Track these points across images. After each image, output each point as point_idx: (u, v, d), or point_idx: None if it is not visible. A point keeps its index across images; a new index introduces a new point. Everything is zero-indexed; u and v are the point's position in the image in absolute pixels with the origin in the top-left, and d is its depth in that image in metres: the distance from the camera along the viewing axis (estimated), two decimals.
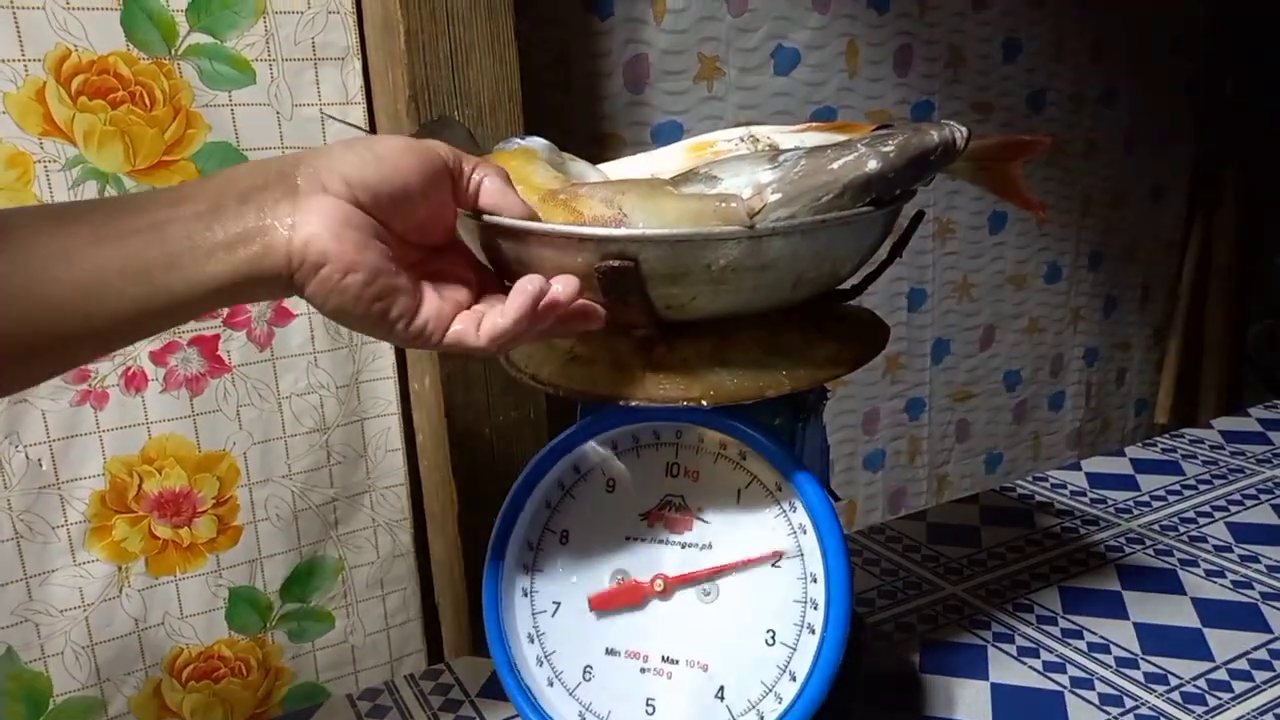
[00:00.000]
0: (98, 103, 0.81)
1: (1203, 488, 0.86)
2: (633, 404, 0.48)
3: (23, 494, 0.84)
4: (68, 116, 0.80)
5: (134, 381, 0.87)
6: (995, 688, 0.61)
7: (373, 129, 0.93)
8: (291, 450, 0.97)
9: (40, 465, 0.85)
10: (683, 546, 0.54)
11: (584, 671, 0.54)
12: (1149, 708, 0.58)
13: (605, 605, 0.54)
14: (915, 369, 1.43)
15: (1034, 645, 0.66)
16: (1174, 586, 0.71)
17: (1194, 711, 0.57)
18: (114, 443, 0.87)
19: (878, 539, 0.83)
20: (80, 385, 0.85)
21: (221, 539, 0.95)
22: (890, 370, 1.40)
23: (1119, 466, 0.93)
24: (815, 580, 0.51)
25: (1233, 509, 0.82)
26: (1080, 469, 0.93)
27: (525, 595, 0.56)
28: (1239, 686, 0.59)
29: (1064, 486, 0.90)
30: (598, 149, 1.10)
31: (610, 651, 0.54)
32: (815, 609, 0.51)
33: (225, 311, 0.90)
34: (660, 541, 0.54)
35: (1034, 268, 1.52)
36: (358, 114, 0.92)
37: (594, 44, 1.06)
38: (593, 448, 0.55)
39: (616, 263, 0.42)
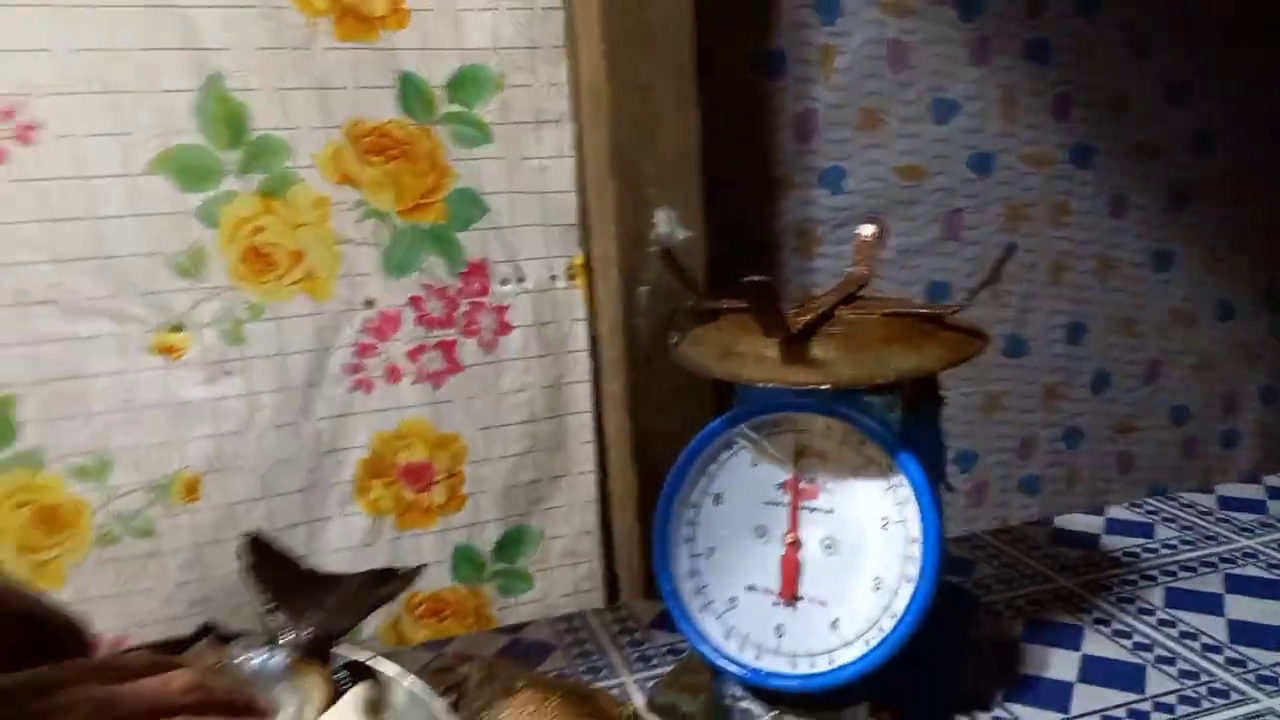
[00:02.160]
0: (377, 158, 1.05)
1: None
2: (770, 385, 0.63)
3: (310, 456, 1.09)
4: (356, 169, 1.05)
5: (393, 375, 1.11)
6: (1085, 657, 0.71)
7: (581, 179, 1.13)
8: (507, 436, 1.18)
9: (323, 435, 1.10)
10: (810, 510, 0.69)
11: (729, 601, 0.70)
12: (1222, 683, 0.66)
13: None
14: (1074, 399, 1.49)
15: (1128, 629, 0.75)
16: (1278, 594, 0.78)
17: (1265, 689, 0.65)
18: (376, 421, 1.11)
19: (1003, 538, 0.93)
20: (355, 375, 1.10)
21: (450, 504, 1.17)
22: (1047, 400, 1.47)
23: (1252, 492, 0.98)
24: (914, 541, 0.65)
25: None
26: (1213, 492, 0.99)
27: (686, 542, 0.73)
28: None
29: (1192, 506, 0.96)
30: (774, 189, 1.26)
31: (750, 588, 0.70)
32: (913, 564, 0.65)
33: (462, 320, 1.13)
34: (793, 505, 0.69)
35: (1205, 305, 1.54)
36: (569, 165, 1.12)
37: (767, 101, 1.23)
38: (742, 430, 0.71)
39: (757, 279, 0.59)
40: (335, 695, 0.55)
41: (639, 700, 0.70)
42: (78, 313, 0.96)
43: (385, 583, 0.65)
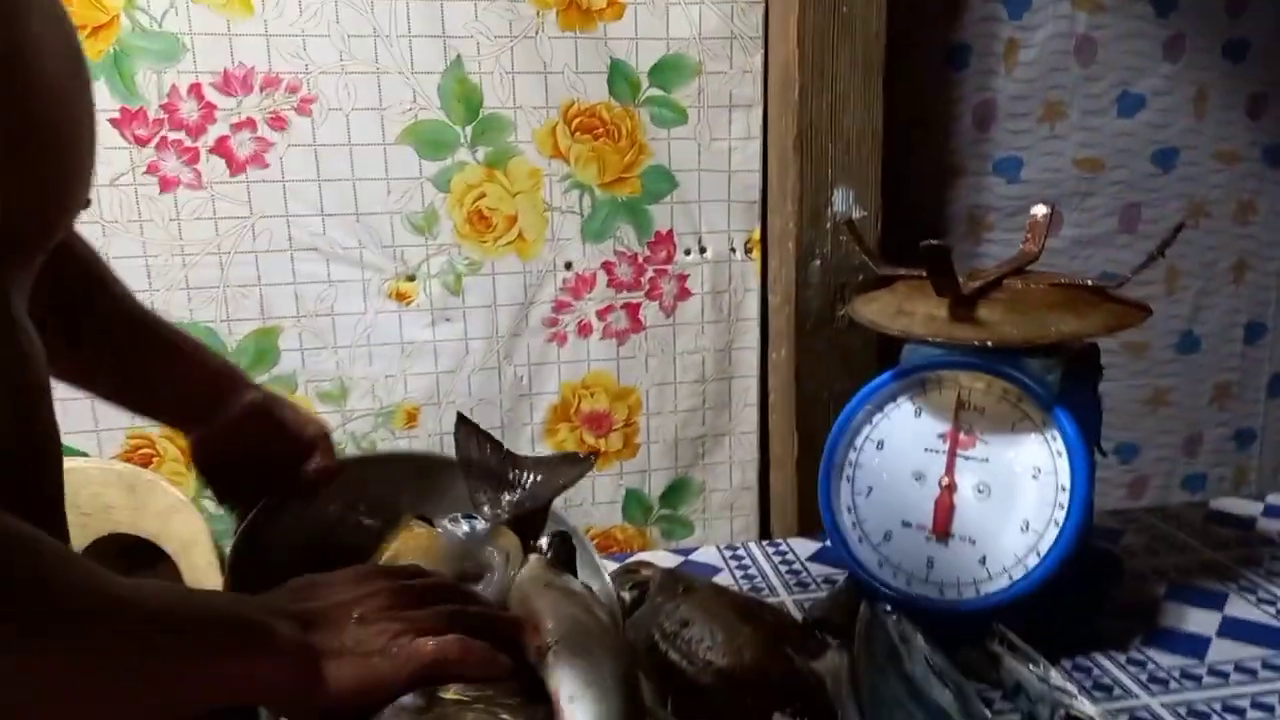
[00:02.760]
0: (585, 136, 1.18)
1: None
2: (938, 340, 0.71)
3: (509, 398, 1.24)
4: (567, 145, 1.18)
5: (584, 330, 1.25)
6: (1225, 618, 0.76)
7: (765, 161, 1.23)
8: (679, 393, 1.29)
9: (521, 380, 1.24)
10: (966, 458, 0.76)
11: (885, 535, 0.78)
12: None
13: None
14: (1247, 400, 1.46)
15: (1274, 598, 0.78)
16: None
17: None
18: (566, 371, 1.25)
19: (1157, 514, 0.96)
20: (552, 329, 1.24)
21: (625, 451, 1.29)
22: (1217, 399, 1.45)
23: None
24: (1064, 490, 0.71)
25: None
26: None
27: (848, 481, 0.81)
28: None
29: None
30: (950, 175, 1.31)
31: (905, 524, 0.78)
32: (1061, 510, 0.71)
33: (647, 285, 1.25)
34: (950, 453, 0.77)
35: None
36: (755, 146, 1.22)
37: (949, 90, 1.28)
38: (903, 383, 0.79)
39: (935, 242, 0.67)
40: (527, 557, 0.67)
41: (798, 615, 0.79)
42: (334, 259, 1.14)
43: (573, 464, 0.76)
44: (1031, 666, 0.61)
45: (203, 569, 1.09)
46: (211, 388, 0.65)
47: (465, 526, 0.69)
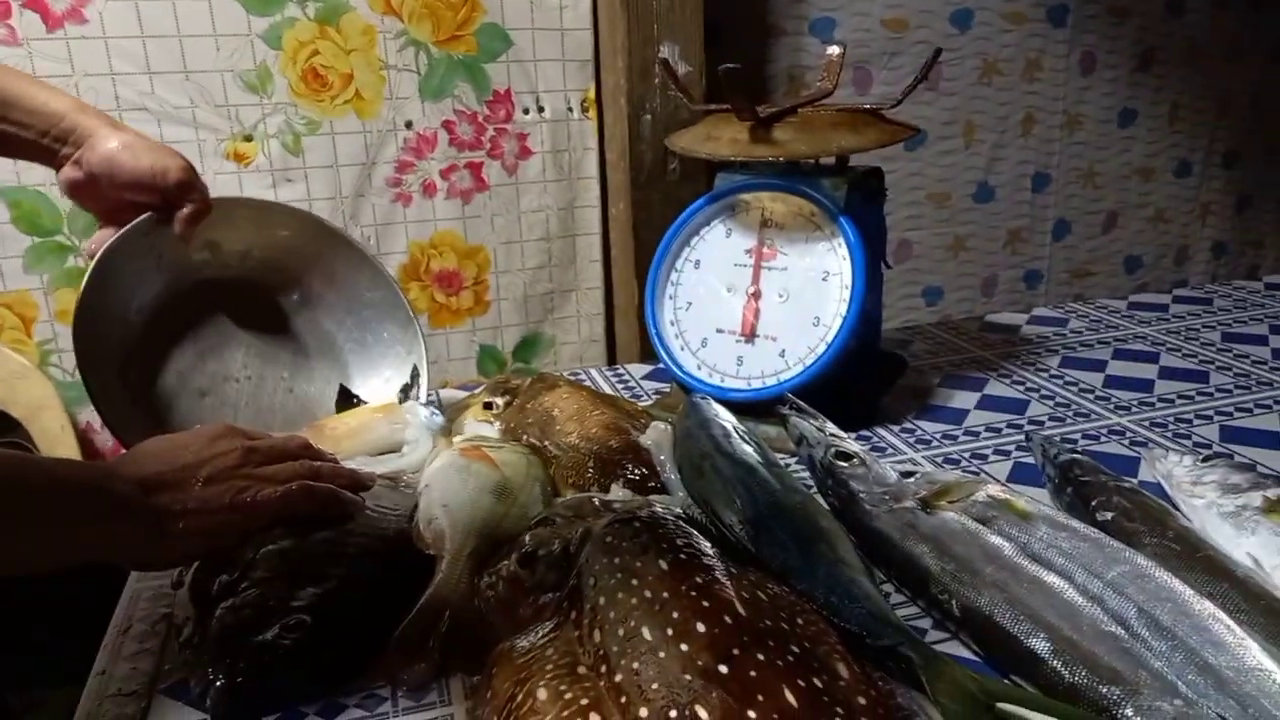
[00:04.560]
0: None
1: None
2: (739, 159, 0.80)
3: None
4: (399, 1, 1.19)
5: (429, 190, 1.28)
6: (984, 396, 0.90)
7: (595, 19, 1.27)
8: (525, 251, 1.36)
9: (369, 240, 1.28)
10: (769, 269, 0.86)
11: (702, 342, 0.88)
12: (1085, 408, 0.85)
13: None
14: (1036, 244, 1.65)
15: (1024, 380, 0.93)
16: None
17: (1117, 413, 0.83)
18: (414, 231, 1.29)
19: (941, 327, 1.11)
20: (395, 189, 1.27)
21: (477, 308, 1.36)
22: (1011, 243, 1.63)
23: (1162, 299, 1.15)
24: (847, 288, 0.83)
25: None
26: (1126, 299, 1.16)
27: (670, 299, 0.91)
28: None
29: (1106, 307, 1.14)
30: (768, 35, 1.40)
31: (719, 330, 0.88)
32: (844, 304, 0.83)
33: (489, 144, 1.29)
34: (755, 266, 0.87)
35: (1163, 162, 1.68)
36: (585, 5, 1.26)
37: None
38: (715, 208, 0.88)
39: (732, 65, 0.75)
40: None
41: None
42: (165, 119, 1.13)
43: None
44: (812, 420, 0.73)
45: (55, 434, 1.10)
46: (73, 122, 0.68)
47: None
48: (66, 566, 0.50)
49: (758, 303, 0.86)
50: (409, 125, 1.24)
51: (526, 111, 1.30)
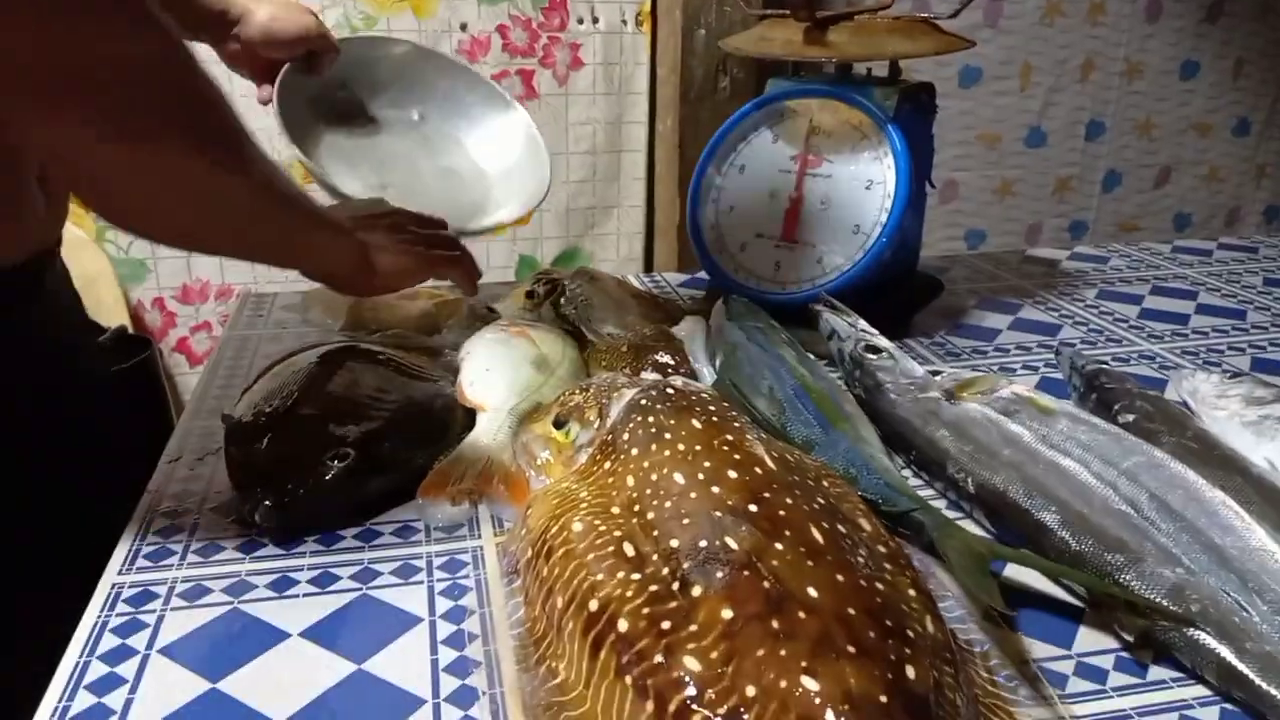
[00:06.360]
0: None
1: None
2: (792, 58, 0.81)
3: None
4: None
5: None
6: (1018, 319, 0.91)
7: None
8: (570, 164, 1.37)
9: None
10: (813, 176, 0.87)
11: (741, 246, 0.90)
12: (1118, 335, 0.85)
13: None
14: (1084, 194, 1.63)
15: (1058, 307, 0.94)
16: None
17: (1148, 339, 0.84)
18: None
19: (981, 257, 1.11)
20: None
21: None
22: (1058, 191, 1.61)
23: (1207, 244, 1.14)
24: (889, 197, 0.83)
25: None
26: (1170, 243, 1.16)
27: (713, 202, 0.92)
28: None
29: (1149, 249, 1.13)
30: None
31: (759, 235, 0.89)
32: (885, 213, 0.83)
33: (541, 52, 1.30)
34: (799, 173, 0.88)
35: (1223, 119, 1.65)
36: None
37: None
38: (762, 114, 0.89)
39: None
40: None
41: None
42: None
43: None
44: (845, 317, 0.74)
45: (109, 305, 1.14)
46: (225, 3, 0.79)
47: None
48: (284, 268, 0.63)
49: (799, 209, 0.87)
50: (464, 28, 1.25)
51: (581, 21, 1.30)
